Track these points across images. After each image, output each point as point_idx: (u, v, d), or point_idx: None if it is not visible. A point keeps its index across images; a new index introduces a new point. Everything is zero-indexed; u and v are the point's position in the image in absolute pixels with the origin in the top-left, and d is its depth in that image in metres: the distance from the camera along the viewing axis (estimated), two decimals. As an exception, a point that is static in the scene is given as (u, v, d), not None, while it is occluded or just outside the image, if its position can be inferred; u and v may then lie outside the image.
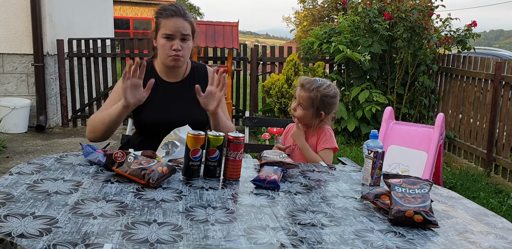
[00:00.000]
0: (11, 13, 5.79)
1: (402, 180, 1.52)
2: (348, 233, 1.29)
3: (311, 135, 2.28)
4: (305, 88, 2.21)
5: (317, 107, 2.20)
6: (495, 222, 1.47)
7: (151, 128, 2.08)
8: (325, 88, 2.21)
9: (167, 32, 2.04)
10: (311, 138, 2.28)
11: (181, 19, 2.06)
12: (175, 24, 2.04)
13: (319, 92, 2.19)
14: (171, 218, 1.29)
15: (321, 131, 2.27)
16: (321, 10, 23.93)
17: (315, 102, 2.19)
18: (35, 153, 4.94)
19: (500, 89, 4.72)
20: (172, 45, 2.05)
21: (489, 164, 4.80)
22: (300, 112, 2.23)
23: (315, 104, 2.20)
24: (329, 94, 2.21)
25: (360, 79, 5.89)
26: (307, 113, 2.22)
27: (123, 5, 19.67)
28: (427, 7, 5.65)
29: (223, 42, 5.66)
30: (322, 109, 2.21)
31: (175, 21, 2.04)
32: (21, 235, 1.10)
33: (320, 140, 2.25)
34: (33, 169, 1.63)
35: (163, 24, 2.05)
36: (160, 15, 2.08)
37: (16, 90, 6.01)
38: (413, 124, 4.10)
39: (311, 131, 2.29)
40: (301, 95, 2.22)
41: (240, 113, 6.67)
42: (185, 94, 2.19)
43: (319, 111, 2.21)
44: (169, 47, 2.06)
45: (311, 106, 2.20)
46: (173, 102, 2.16)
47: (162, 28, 2.05)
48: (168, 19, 2.05)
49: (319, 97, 2.18)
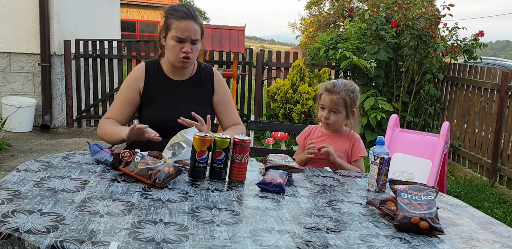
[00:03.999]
0: (20, 13, 5.83)
1: (408, 186, 1.52)
2: (353, 238, 1.28)
3: (341, 141, 2.25)
4: (333, 91, 2.19)
5: (349, 106, 2.20)
6: (501, 231, 1.47)
7: (158, 125, 2.08)
8: (350, 86, 2.22)
9: (178, 35, 2.05)
10: (343, 144, 2.24)
11: (192, 22, 2.07)
12: (187, 27, 2.05)
13: (348, 90, 2.19)
14: (177, 218, 1.29)
15: (353, 139, 2.25)
16: (327, 17, 23.98)
17: (348, 101, 2.18)
18: (40, 152, 4.95)
19: (506, 99, 4.71)
20: (182, 47, 2.07)
21: (494, 174, 4.78)
22: (334, 118, 2.20)
23: (348, 104, 2.19)
24: (355, 89, 2.23)
25: (365, 87, 5.89)
26: (340, 117, 2.21)
27: (130, 8, 19.78)
28: (434, 16, 5.65)
29: (229, 47, 5.68)
30: (353, 106, 2.21)
31: (187, 25, 2.05)
32: (29, 231, 1.11)
33: (355, 149, 2.24)
34: (40, 167, 1.63)
35: (174, 25, 2.06)
36: (171, 15, 2.08)
37: (22, 90, 6.04)
38: (418, 132, 4.09)
39: (341, 137, 2.26)
40: (332, 99, 2.18)
41: (245, 117, 6.67)
42: (192, 92, 2.21)
43: (351, 109, 2.21)
44: (179, 49, 2.07)
45: (344, 107, 2.19)
46: (180, 100, 2.18)
47: (174, 30, 2.06)
48: (180, 21, 2.05)
49: (350, 95, 2.19)
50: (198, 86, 2.24)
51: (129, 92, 2.16)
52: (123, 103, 2.16)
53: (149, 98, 2.17)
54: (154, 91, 2.16)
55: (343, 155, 2.23)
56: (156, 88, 2.17)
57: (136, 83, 2.17)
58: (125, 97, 2.16)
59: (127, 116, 2.18)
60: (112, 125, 2.12)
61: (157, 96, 2.16)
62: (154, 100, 2.16)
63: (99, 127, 2.17)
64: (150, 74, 2.18)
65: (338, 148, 2.21)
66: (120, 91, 2.19)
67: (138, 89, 2.16)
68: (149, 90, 2.16)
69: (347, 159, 2.24)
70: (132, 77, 2.19)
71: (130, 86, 2.17)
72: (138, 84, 2.16)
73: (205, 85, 2.26)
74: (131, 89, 2.16)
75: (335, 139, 2.26)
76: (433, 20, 5.58)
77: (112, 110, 2.17)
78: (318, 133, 2.31)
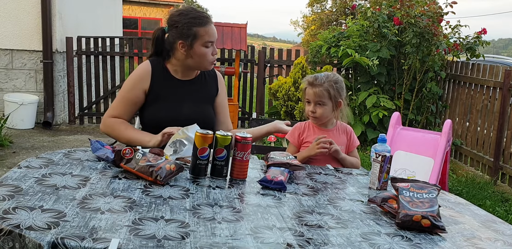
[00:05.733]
0: (22, 10, 5.83)
1: (410, 184, 1.51)
2: (355, 236, 1.28)
3: (337, 133, 2.25)
4: (316, 84, 2.18)
5: (334, 97, 2.18)
6: (503, 229, 1.46)
7: (163, 125, 2.07)
8: (333, 76, 2.21)
9: (210, 40, 2.09)
10: (341, 137, 2.25)
11: (212, 25, 2.12)
12: (214, 31, 2.11)
13: (331, 81, 2.18)
14: (178, 215, 1.29)
15: (348, 130, 2.29)
16: (329, 15, 23.93)
17: (332, 92, 2.17)
18: (42, 149, 4.96)
19: (508, 98, 4.70)
20: (212, 51, 2.12)
21: (496, 172, 4.77)
22: (320, 110, 2.19)
23: (332, 95, 2.17)
24: (339, 79, 2.22)
25: (367, 84, 5.88)
26: (327, 109, 2.19)
27: (131, 5, 19.75)
28: (437, 14, 5.63)
29: (231, 44, 5.67)
30: (339, 97, 2.20)
31: (212, 29, 2.11)
32: (30, 227, 1.11)
33: (352, 140, 2.27)
34: (41, 163, 1.63)
35: (203, 32, 2.07)
36: (192, 24, 2.07)
37: (24, 86, 6.04)
38: (420, 130, 4.08)
39: (335, 129, 2.26)
40: (316, 92, 2.18)
41: (246, 115, 6.67)
42: (198, 92, 2.22)
43: (336, 100, 2.20)
44: (210, 54, 2.12)
45: (329, 98, 2.18)
46: (186, 99, 2.18)
47: (203, 37, 2.07)
48: (207, 27, 2.09)
49: (333, 86, 2.18)
50: (203, 86, 2.25)
51: (134, 91, 2.13)
52: (128, 103, 2.13)
53: (155, 97, 2.14)
54: (160, 90, 2.14)
55: (343, 147, 2.22)
56: (163, 88, 2.15)
57: (141, 82, 2.13)
58: (130, 97, 2.13)
59: (131, 115, 2.18)
60: (129, 128, 2.12)
61: (163, 95, 2.15)
62: (159, 100, 2.14)
63: (107, 126, 2.13)
64: (156, 73, 2.15)
65: (337, 142, 2.19)
66: (124, 90, 2.15)
67: (143, 89, 2.13)
68: (156, 89, 2.14)
69: (345, 150, 2.25)
70: (137, 76, 2.15)
71: (135, 85, 2.13)
72: (144, 84, 2.13)
73: (209, 85, 2.27)
74: (137, 89, 2.13)
75: (332, 133, 2.24)
76: (435, 17, 5.56)
77: (117, 110, 2.14)
78: (312, 128, 2.27)
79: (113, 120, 2.13)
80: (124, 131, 2.10)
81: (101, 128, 2.17)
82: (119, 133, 2.10)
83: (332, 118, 2.25)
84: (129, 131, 2.10)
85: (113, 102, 2.19)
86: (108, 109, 2.18)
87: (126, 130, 2.10)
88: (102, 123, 2.17)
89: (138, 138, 2.06)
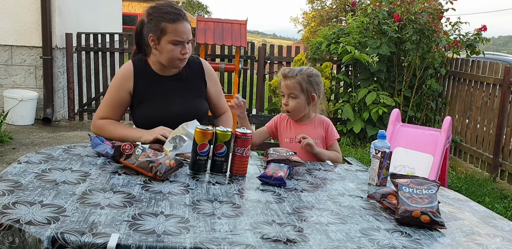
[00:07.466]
0: (21, 6, 5.81)
1: (410, 180, 1.52)
2: (354, 231, 1.28)
3: (312, 127, 2.23)
4: (288, 76, 2.18)
5: (307, 91, 2.16)
6: (502, 225, 1.46)
7: (156, 123, 2.07)
8: (306, 70, 2.20)
9: (177, 39, 2.01)
10: (316, 130, 2.22)
11: (185, 23, 2.03)
12: (183, 30, 2.02)
13: (303, 74, 2.17)
14: (178, 210, 1.29)
15: (325, 123, 2.25)
16: (329, 11, 23.89)
17: (304, 85, 2.15)
18: (41, 145, 4.96)
19: (508, 95, 4.69)
20: (181, 50, 2.04)
21: (495, 169, 4.77)
22: (292, 103, 2.17)
23: (304, 88, 2.16)
24: (313, 73, 2.20)
25: (367, 81, 5.87)
26: (299, 102, 2.17)
27: (131, 1, 19.71)
28: (437, 10, 5.62)
29: (231, 40, 5.65)
30: (312, 91, 2.18)
31: (182, 27, 2.01)
32: (29, 222, 1.11)
33: (329, 133, 2.23)
34: (41, 159, 1.63)
35: (170, 29, 2.00)
36: (162, 18, 2.01)
37: (24, 82, 6.03)
38: (420, 127, 4.08)
39: (311, 123, 2.23)
40: (288, 84, 2.17)
41: (246, 111, 6.66)
42: (184, 86, 2.18)
43: (309, 94, 2.17)
44: (178, 52, 2.04)
45: (301, 91, 2.16)
46: (173, 95, 2.15)
47: (171, 34, 2.00)
48: (175, 24, 2.00)
49: (305, 79, 2.16)
50: (189, 79, 2.20)
51: (119, 93, 2.11)
52: (115, 104, 2.12)
53: (141, 97, 2.12)
54: (145, 89, 2.12)
55: (319, 141, 2.20)
56: (147, 86, 2.12)
57: (125, 83, 2.11)
58: (116, 98, 2.12)
59: (120, 116, 2.18)
60: (118, 126, 2.11)
61: (149, 94, 2.12)
62: (147, 99, 2.12)
63: (97, 128, 2.12)
64: (139, 73, 2.12)
65: (313, 135, 2.18)
66: (109, 92, 2.13)
67: (128, 89, 2.11)
68: (140, 89, 2.12)
69: (323, 144, 2.23)
70: (120, 77, 2.13)
71: (119, 87, 2.11)
72: (128, 84, 2.11)
73: (196, 77, 2.22)
74: (121, 90, 2.11)
75: (307, 126, 2.23)
76: (436, 14, 5.55)
77: (105, 111, 2.13)
78: (286, 122, 2.27)
79: (102, 122, 2.12)
80: (114, 130, 2.09)
81: (92, 130, 2.15)
82: (110, 133, 2.08)
83: (308, 113, 2.23)
84: (119, 129, 2.10)
85: (100, 105, 2.17)
86: (96, 112, 2.17)
87: (116, 129, 2.10)
88: (92, 126, 2.16)
89: (130, 135, 2.05)
